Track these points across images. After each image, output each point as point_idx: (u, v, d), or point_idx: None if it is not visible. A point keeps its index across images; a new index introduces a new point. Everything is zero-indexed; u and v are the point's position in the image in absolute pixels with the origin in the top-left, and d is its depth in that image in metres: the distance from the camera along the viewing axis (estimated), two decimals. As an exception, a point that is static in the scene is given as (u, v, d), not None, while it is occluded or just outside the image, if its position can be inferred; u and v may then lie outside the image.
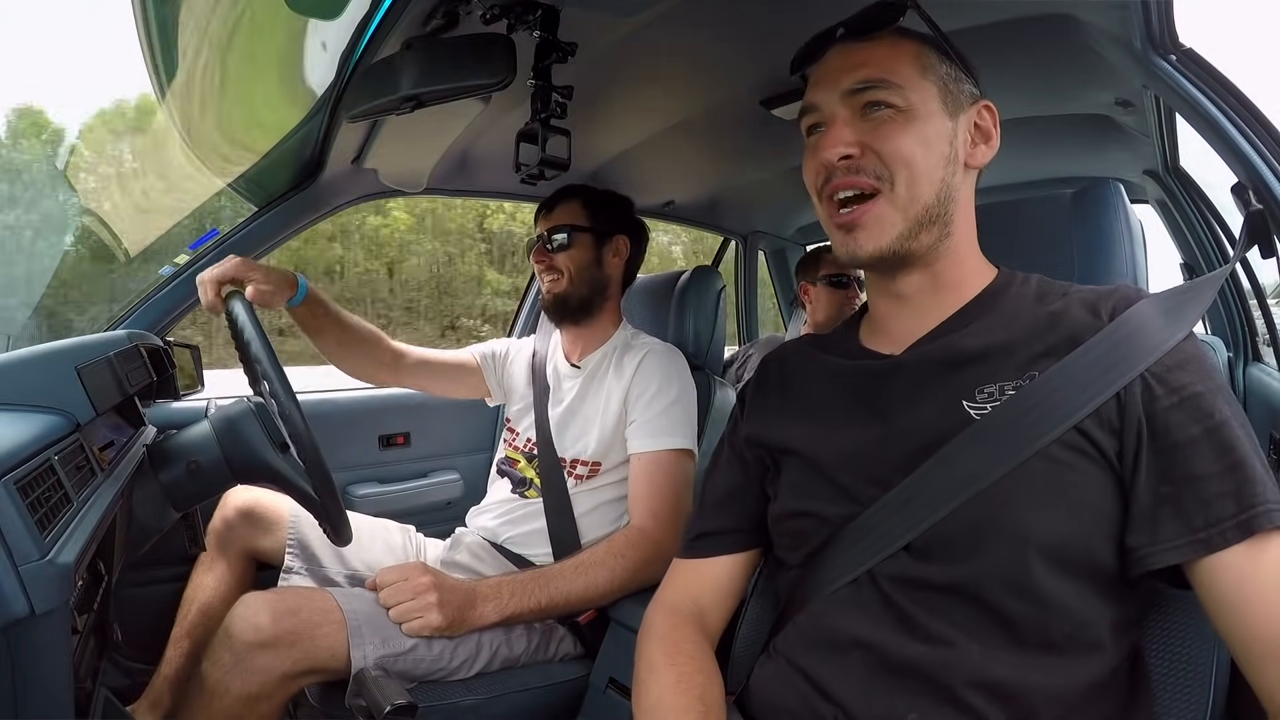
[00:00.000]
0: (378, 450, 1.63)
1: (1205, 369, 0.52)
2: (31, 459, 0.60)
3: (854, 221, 0.59)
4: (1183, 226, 1.47)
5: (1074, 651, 0.51)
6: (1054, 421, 0.51)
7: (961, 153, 0.60)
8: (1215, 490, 0.47)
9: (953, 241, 0.61)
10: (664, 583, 0.72)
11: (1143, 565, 0.49)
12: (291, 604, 0.86)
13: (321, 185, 1.33)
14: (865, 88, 0.58)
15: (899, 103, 0.58)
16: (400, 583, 0.92)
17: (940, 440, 0.55)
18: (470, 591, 0.95)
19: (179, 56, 0.97)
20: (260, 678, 0.81)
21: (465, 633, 0.94)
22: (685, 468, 1.10)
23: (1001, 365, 0.56)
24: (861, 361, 0.65)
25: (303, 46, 0.97)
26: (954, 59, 0.61)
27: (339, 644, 0.85)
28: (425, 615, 0.90)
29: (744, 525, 0.70)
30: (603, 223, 1.22)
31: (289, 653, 0.82)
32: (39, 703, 0.55)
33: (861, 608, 0.56)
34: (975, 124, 0.61)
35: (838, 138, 0.58)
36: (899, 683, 0.52)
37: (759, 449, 0.68)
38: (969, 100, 0.61)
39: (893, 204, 0.58)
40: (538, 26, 0.83)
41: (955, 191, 0.60)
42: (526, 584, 0.97)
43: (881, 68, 0.58)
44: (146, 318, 1.25)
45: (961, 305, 0.62)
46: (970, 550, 0.52)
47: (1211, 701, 0.55)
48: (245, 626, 0.82)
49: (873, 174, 0.58)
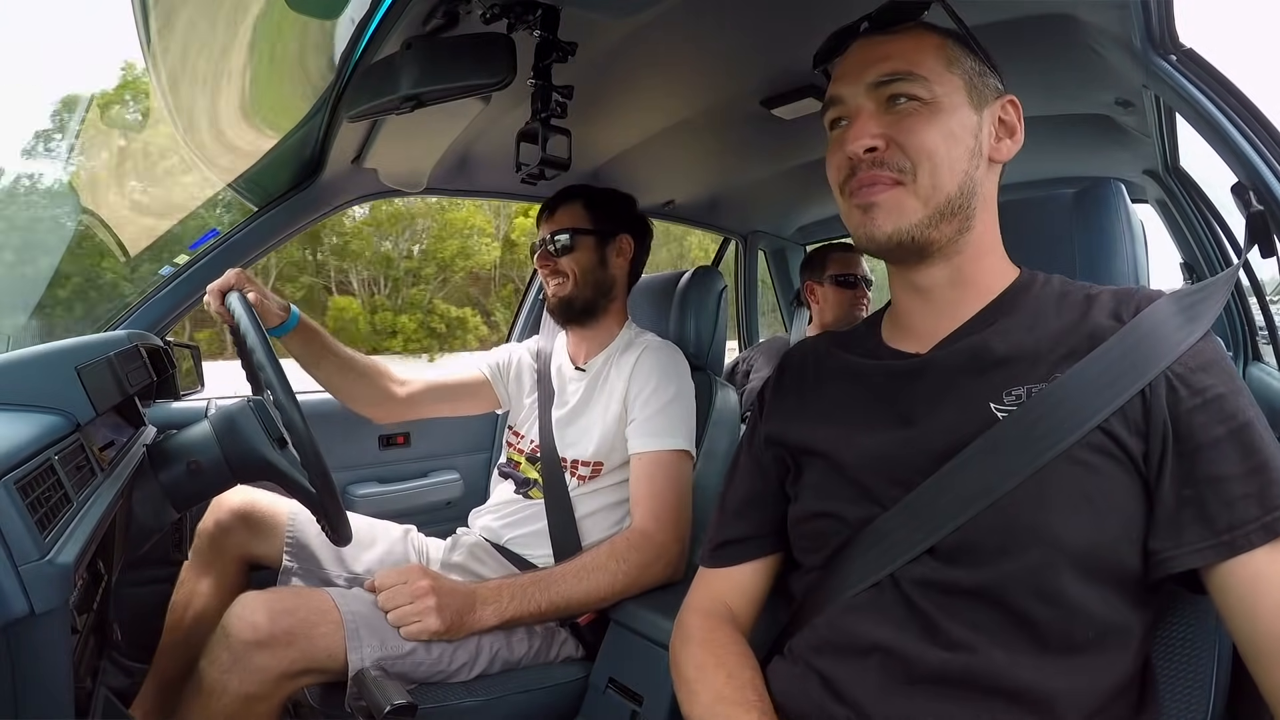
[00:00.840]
0: (378, 450, 1.63)
1: (1228, 370, 0.52)
2: (31, 459, 0.60)
3: (873, 200, 0.58)
4: (1183, 226, 1.47)
5: (1096, 656, 0.50)
6: (1078, 421, 0.51)
7: (986, 146, 0.60)
8: (1239, 492, 0.47)
9: (974, 235, 0.61)
10: (692, 590, 0.72)
11: (1165, 568, 0.49)
12: (289, 603, 0.86)
13: (321, 185, 1.33)
14: (890, 80, 0.58)
15: (924, 95, 0.57)
16: (399, 585, 0.92)
17: (964, 442, 0.54)
18: (469, 595, 0.94)
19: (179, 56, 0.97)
20: (258, 677, 0.81)
21: (464, 636, 0.94)
22: (686, 468, 1.10)
23: (1029, 368, 0.55)
24: (885, 361, 0.64)
25: (303, 46, 0.97)
26: (979, 53, 0.61)
27: (336, 644, 0.85)
28: (424, 619, 0.89)
29: (765, 530, 0.69)
30: (605, 223, 1.22)
31: (286, 652, 0.82)
32: (39, 702, 0.55)
33: (883, 612, 0.55)
34: (1000, 118, 0.61)
35: (863, 130, 0.58)
36: (919, 688, 0.52)
37: (779, 449, 0.68)
38: (994, 94, 0.61)
39: (914, 193, 0.57)
40: (538, 26, 0.83)
41: (978, 185, 0.59)
42: (526, 587, 0.97)
43: (906, 60, 0.58)
44: (146, 318, 1.25)
45: (985, 304, 0.61)
46: (998, 554, 0.51)
47: (1212, 703, 0.54)
48: (242, 625, 0.82)
49: (896, 167, 0.57)
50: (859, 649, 0.55)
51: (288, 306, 1.07)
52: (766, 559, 0.70)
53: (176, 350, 1.27)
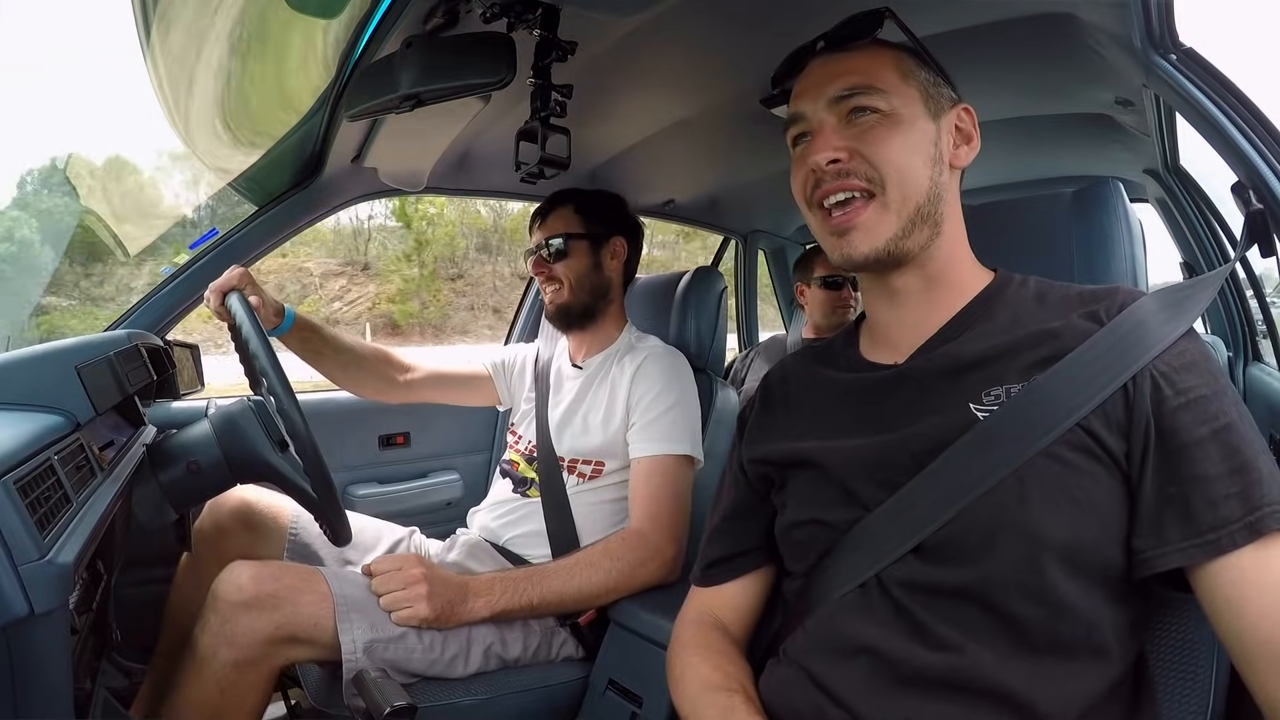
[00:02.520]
0: (378, 450, 1.63)
1: (1213, 371, 0.52)
2: (31, 459, 0.60)
3: (848, 224, 0.60)
4: (1182, 226, 1.47)
5: (1084, 657, 0.50)
6: (1060, 417, 0.51)
7: (946, 154, 0.62)
8: (1222, 492, 0.47)
9: (944, 240, 0.62)
10: (685, 604, 0.74)
11: (1148, 568, 0.49)
12: (275, 570, 0.87)
13: (321, 184, 1.33)
14: (850, 94, 0.60)
15: (883, 107, 0.59)
16: (393, 571, 0.93)
17: (946, 443, 0.54)
18: (462, 586, 0.95)
19: (179, 55, 0.97)
20: (244, 640, 0.82)
21: (455, 626, 0.94)
22: (686, 473, 1.10)
23: (1006, 368, 0.56)
24: (863, 374, 0.65)
25: (303, 45, 0.97)
26: (931, 64, 0.63)
27: (324, 614, 0.86)
28: (414, 605, 0.90)
29: (752, 545, 0.70)
30: (598, 226, 1.22)
31: (271, 616, 0.83)
32: (39, 703, 0.55)
33: (870, 613, 0.55)
34: (956, 126, 0.63)
35: (825, 143, 0.60)
36: (907, 689, 0.52)
37: (763, 466, 0.68)
38: (949, 103, 0.63)
39: (885, 206, 0.59)
40: (538, 25, 0.83)
41: (944, 191, 0.61)
42: (519, 581, 0.98)
43: (864, 74, 0.60)
44: (146, 318, 1.25)
45: (960, 309, 0.62)
46: (981, 552, 0.51)
47: (1212, 706, 0.54)
48: (229, 588, 0.84)
49: (863, 176, 0.59)
50: (848, 650, 0.55)
51: (282, 308, 1.09)
52: (756, 573, 0.71)
53: (176, 350, 1.27)
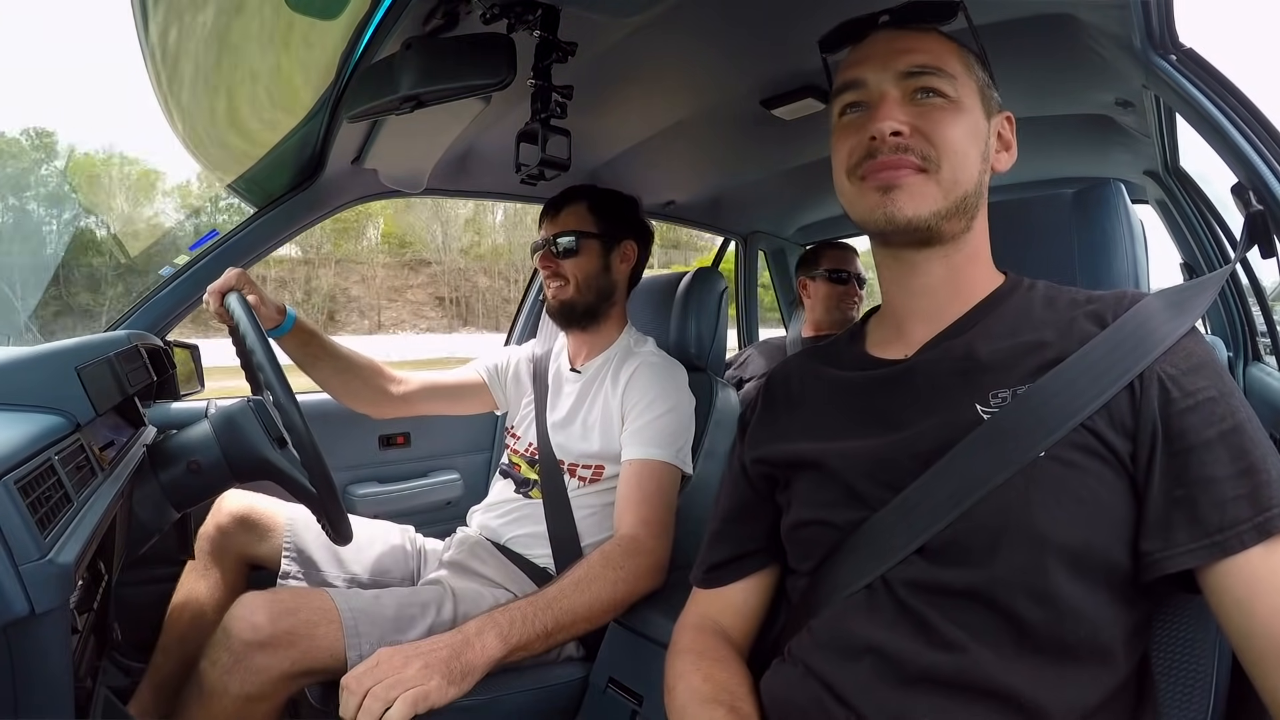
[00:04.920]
0: (378, 450, 1.63)
1: (1219, 373, 0.52)
2: (32, 459, 0.60)
3: (896, 180, 0.58)
4: (1183, 227, 1.47)
5: (1088, 659, 0.50)
6: (1064, 417, 0.51)
7: (991, 154, 0.62)
8: (1230, 493, 0.47)
9: (972, 235, 0.62)
10: (686, 607, 0.73)
11: (1157, 570, 0.49)
12: (290, 604, 0.85)
13: (321, 185, 1.33)
14: (920, 73, 0.59)
15: (950, 93, 0.59)
16: (368, 669, 0.75)
17: (951, 443, 0.54)
18: (454, 635, 0.81)
19: (179, 56, 0.97)
20: (259, 678, 0.81)
21: (477, 670, 0.79)
22: (673, 481, 1.08)
23: (1012, 370, 0.56)
24: (870, 372, 0.65)
25: (303, 46, 0.97)
26: (987, 67, 0.63)
27: (337, 644, 0.85)
28: (421, 685, 0.73)
29: (754, 546, 0.70)
30: (610, 227, 1.20)
31: (287, 653, 0.82)
32: (39, 702, 0.55)
33: (876, 613, 0.55)
34: (999, 133, 0.63)
35: (889, 113, 0.58)
36: (913, 689, 0.52)
37: (766, 467, 0.68)
38: (996, 108, 0.63)
39: (937, 183, 0.58)
40: (538, 26, 0.83)
41: (983, 189, 0.61)
42: (526, 610, 0.88)
43: (935, 56, 0.60)
44: (146, 318, 1.25)
45: (970, 307, 0.62)
46: (987, 554, 0.51)
47: (1212, 707, 0.54)
48: (243, 626, 0.82)
49: (919, 154, 0.58)
50: (853, 650, 0.55)
51: (284, 308, 1.08)
52: (758, 575, 0.70)
53: (176, 350, 1.27)
